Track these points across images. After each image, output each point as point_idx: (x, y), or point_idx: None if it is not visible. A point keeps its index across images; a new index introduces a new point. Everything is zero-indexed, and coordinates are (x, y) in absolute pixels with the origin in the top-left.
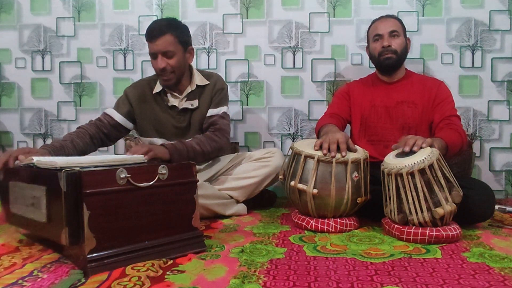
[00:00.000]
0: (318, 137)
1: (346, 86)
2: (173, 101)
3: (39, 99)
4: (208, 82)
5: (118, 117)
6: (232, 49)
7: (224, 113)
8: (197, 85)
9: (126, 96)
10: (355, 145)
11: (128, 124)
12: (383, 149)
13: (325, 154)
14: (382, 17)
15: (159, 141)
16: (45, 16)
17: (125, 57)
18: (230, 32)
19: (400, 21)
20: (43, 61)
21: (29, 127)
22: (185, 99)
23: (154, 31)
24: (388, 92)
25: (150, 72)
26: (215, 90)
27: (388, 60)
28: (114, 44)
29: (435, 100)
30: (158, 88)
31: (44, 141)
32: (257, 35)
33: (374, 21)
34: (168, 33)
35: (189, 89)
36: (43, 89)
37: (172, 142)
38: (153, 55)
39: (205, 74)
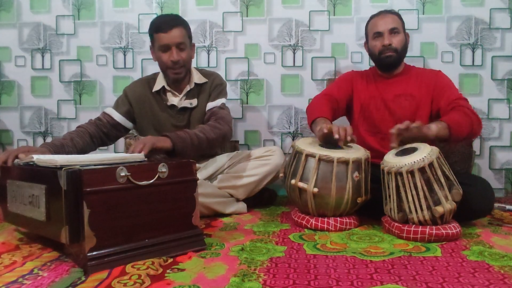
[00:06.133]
0: (309, 114)
1: (350, 73)
2: (172, 100)
3: (39, 98)
4: (207, 80)
5: (118, 117)
6: (232, 47)
7: (223, 104)
8: (195, 83)
9: (125, 96)
10: (358, 145)
11: (128, 124)
12: (381, 141)
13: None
14: (381, 12)
15: None
16: (44, 14)
17: (125, 55)
18: (230, 30)
19: (398, 15)
20: (43, 59)
21: (29, 125)
22: (184, 97)
23: (169, 22)
24: (386, 86)
25: (150, 70)
26: (213, 86)
27: (389, 58)
28: (114, 42)
29: (435, 89)
30: (157, 86)
31: (44, 140)
32: (257, 33)
33: (372, 17)
34: (181, 25)
35: (188, 88)
36: (43, 88)
37: (175, 131)
38: (166, 47)
39: (203, 72)
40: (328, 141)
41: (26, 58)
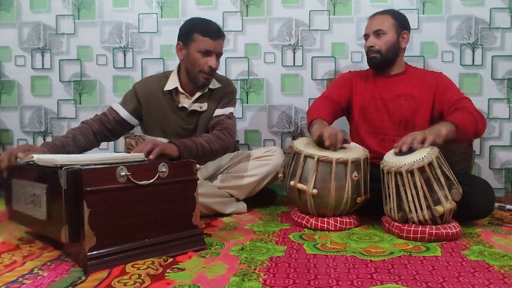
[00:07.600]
0: (308, 116)
1: (348, 74)
2: (184, 102)
3: (39, 97)
4: (220, 85)
5: (124, 113)
6: (232, 47)
7: (231, 113)
8: (209, 88)
9: (134, 92)
10: (355, 143)
11: (134, 121)
12: (380, 142)
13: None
14: (374, 14)
15: (163, 140)
16: (44, 14)
17: (125, 55)
18: (230, 30)
19: (392, 15)
20: (42, 59)
21: (29, 125)
22: (195, 101)
23: (218, 31)
24: (386, 86)
25: (150, 70)
26: (225, 93)
27: (373, 59)
28: (114, 42)
29: (436, 91)
30: (169, 86)
31: (44, 139)
32: (257, 33)
33: (368, 18)
34: (224, 37)
35: (201, 92)
36: (43, 87)
37: (182, 139)
38: (208, 53)
39: (216, 77)
40: (322, 145)
41: (26, 58)
